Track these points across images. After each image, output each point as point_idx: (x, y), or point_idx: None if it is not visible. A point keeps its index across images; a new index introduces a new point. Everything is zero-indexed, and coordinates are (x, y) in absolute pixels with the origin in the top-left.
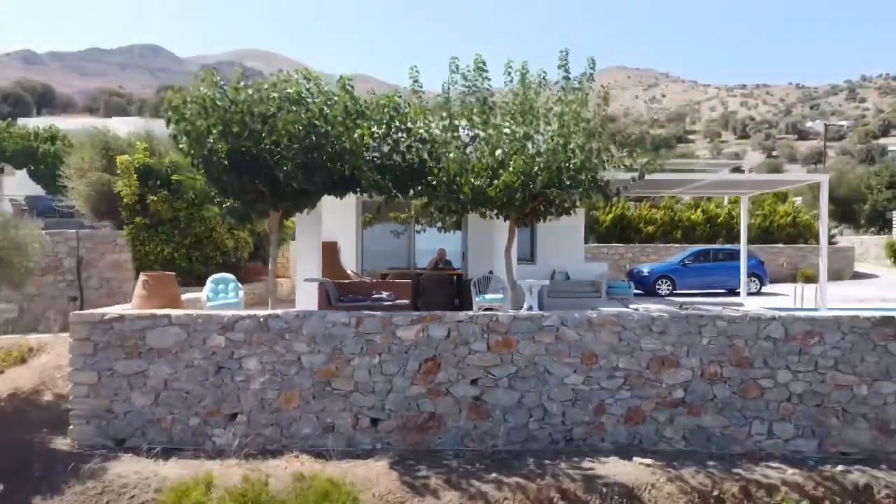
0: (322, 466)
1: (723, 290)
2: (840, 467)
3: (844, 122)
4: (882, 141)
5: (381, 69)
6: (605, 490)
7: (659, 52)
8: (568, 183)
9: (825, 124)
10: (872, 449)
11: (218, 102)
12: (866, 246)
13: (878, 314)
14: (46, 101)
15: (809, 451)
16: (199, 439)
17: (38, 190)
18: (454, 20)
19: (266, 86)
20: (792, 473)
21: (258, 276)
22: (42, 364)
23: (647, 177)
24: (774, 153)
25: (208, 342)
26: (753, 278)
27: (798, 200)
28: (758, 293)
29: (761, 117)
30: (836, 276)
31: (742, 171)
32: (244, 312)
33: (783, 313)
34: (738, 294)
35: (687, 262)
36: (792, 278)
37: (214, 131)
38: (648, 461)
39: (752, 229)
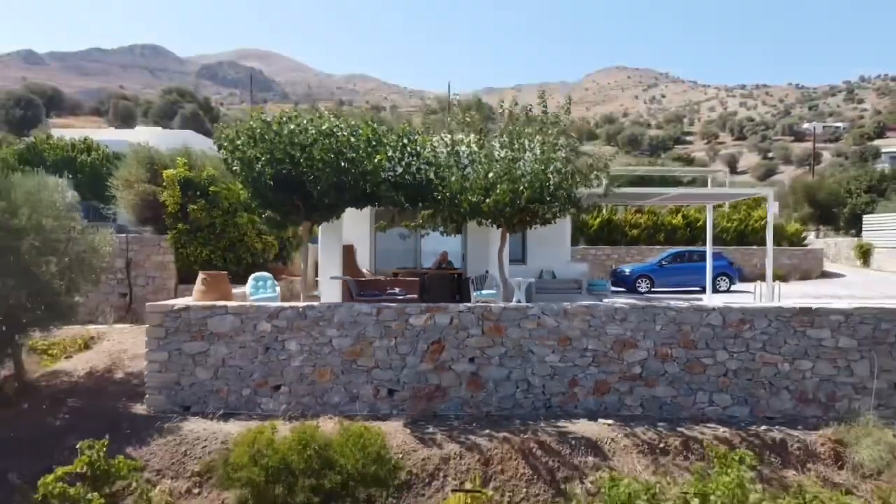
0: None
1: (697, 288)
2: (763, 427)
3: (840, 124)
4: (877, 142)
5: (381, 69)
6: (573, 442)
7: (659, 52)
8: (548, 199)
9: (812, 127)
10: (794, 414)
11: (266, 136)
12: (840, 247)
13: (797, 305)
14: (55, 103)
15: (742, 416)
16: (250, 406)
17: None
18: (454, 19)
19: (304, 122)
20: (723, 431)
21: (280, 276)
22: (106, 349)
23: (619, 190)
24: (770, 155)
25: (258, 328)
26: (724, 277)
27: (775, 205)
28: (727, 291)
29: (760, 118)
30: (805, 275)
31: (722, 173)
32: (286, 304)
33: (722, 304)
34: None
35: (664, 263)
36: (763, 277)
37: (262, 158)
38: (610, 421)
39: (728, 232)
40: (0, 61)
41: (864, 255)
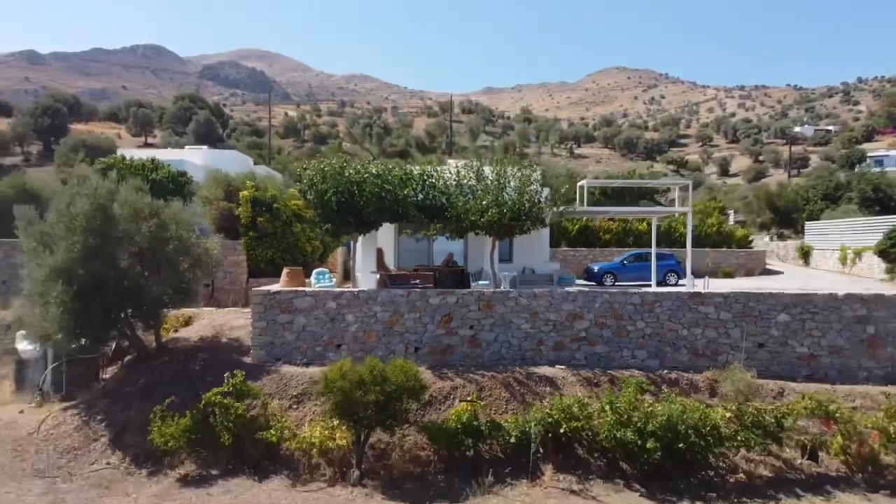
0: None
1: (651, 282)
2: (665, 371)
3: (832, 127)
4: (866, 145)
5: (382, 69)
6: (538, 379)
7: (659, 53)
8: (523, 218)
9: (788, 135)
10: (689, 364)
11: (332, 176)
12: (787, 249)
13: (691, 290)
14: (74, 110)
15: (654, 366)
16: (321, 358)
17: None
18: (454, 20)
19: (359, 166)
20: (638, 373)
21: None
22: (206, 324)
23: (574, 209)
24: (761, 158)
25: (326, 305)
26: (673, 273)
27: (731, 213)
28: (675, 284)
29: (757, 119)
30: (749, 272)
31: (684, 184)
32: (346, 289)
33: (643, 290)
34: (660, 284)
35: (626, 262)
36: (714, 274)
37: (330, 191)
38: (563, 367)
39: (685, 236)
40: (3, 62)
41: (805, 255)
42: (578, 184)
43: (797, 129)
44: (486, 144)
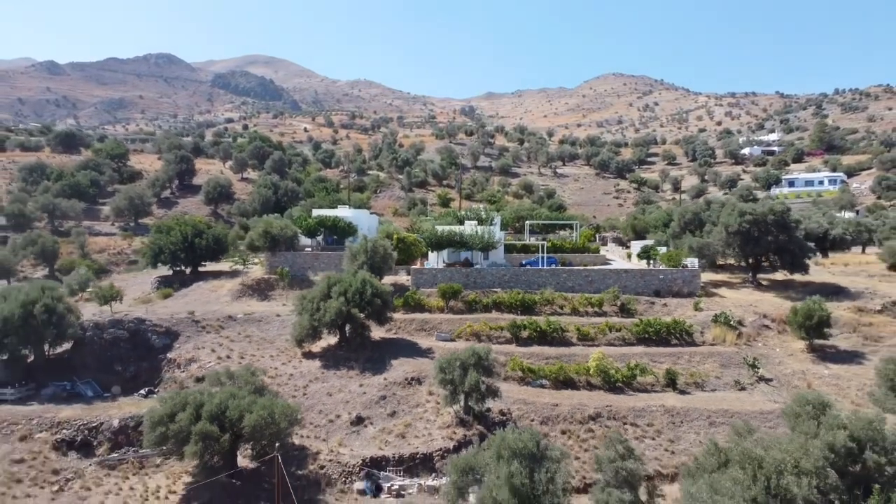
0: None
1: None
2: (529, 290)
3: (777, 148)
4: (793, 167)
5: (385, 74)
6: (492, 291)
7: (657, 59)
8: (490, 246)
9: (682, 184)
10: (536, 289)
11: (434, 234)
12: (623, 252)
13: (541, 268)
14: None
15: (528, 289)
16: (432, 287)
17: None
18: (455, 25)
19: (442, 230)
20: (521, 290)
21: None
22: (388, 279)
23: (511, 241)
24: (706, 178)
25: (432, 271)
26: (553, 264)
27: (609, 233)
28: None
29: (739, 126)
30: (594, 264)
31: (580, 219)
32: (438, 267)
33: (528, 267)
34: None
35: (535, 259)
36: (579, 264)
37: (434, 238)
38: (501, 289)
39: (570, 248)
40: (25, 73)
41: (629, 256)
42: (526, 222)
43: (744, 151)
44: (484, 165)
